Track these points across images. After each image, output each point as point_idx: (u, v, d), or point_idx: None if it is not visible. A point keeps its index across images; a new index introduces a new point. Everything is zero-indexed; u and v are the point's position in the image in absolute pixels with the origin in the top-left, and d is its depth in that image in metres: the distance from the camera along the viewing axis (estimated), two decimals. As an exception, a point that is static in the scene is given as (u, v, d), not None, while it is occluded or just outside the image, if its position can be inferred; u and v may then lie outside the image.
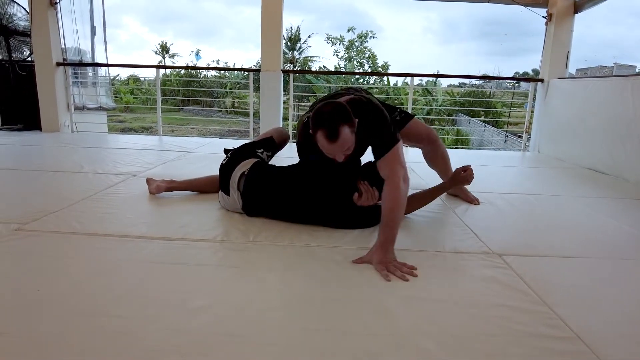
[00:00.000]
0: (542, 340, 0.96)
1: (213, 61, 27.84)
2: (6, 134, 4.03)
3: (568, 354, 0.92)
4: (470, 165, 1.93)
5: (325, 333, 0.97)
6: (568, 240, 1.65)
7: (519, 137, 10.70)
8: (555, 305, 1.11)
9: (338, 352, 0.91)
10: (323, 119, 1.40)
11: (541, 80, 4.07)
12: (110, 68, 5.56)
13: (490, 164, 3.34)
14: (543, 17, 3.95)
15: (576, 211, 2.08)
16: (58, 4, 4.14)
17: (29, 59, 4.37)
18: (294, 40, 23.90)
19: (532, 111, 4.28)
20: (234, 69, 19.33)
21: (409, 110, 4.46)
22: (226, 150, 1.87)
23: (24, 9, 4.24)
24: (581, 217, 1.99)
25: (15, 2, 4.23)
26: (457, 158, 3.62)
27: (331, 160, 1.49)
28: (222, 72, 21.82)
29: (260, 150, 1.86)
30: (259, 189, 1.69)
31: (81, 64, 4.77)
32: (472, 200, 2.11)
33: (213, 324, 0.99)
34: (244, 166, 1.72)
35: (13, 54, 4.37)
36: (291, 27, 23.84)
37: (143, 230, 1.56)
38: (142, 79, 19.10)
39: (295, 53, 24.05)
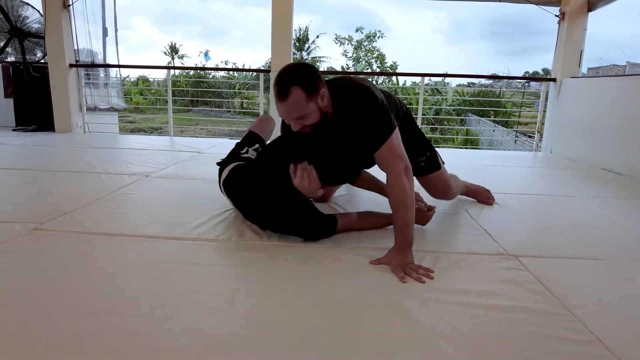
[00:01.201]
0: (562, 343, 0.95)
1: (222, 62, 27.98)
2: (20, 135, 4.09)
3: (589, 357, 0.90)
4: (434, 208, 1.70)
5: (340, 334, 0.97)
6: (584, 242, 1.63)
7: (529, 137, 10.59)
8: (574, 308, 1.10)
9: (354, 353, 0.90)
10: (280, 75, 1.31)
11: (553, 80, 4.02)
12: (120, 69, 5.61)
13: (502, 165, 3.32)
14: (556, 15, 3.91)
15: (591, 212, 2.06)
16: (71, 6, 4.19)
17: (43, 60, 4.43)
18: (302, 40, 23.93)
19: (544, 111, 4.23)
20: (244, 70, 19.40)
21: (419, 111, 4.44)
22: (218, 163, 1.80)
23: (38, 11, 4.29)
24: (596, 218, 1.97)
25: (29, 4, 4.29)
26: (465, 158, 3.62)
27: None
28: (231, 72, 21.92)
29: (244, 150, 1.79)
30: (233, 196, 1.66)
31: (93, 65, 4.82)
32: (486, 200, 2.08)
33: (229, 324, 1.00)
34: (224, 173, 1.69)
35: (26, 56, 4.43)
36: (299, 28, 23.88)
37: (157, 230, 1.57)
38: (151, 79, 19.23)
39: (304, 53, 24.07)
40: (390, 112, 1.42)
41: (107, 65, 5.06)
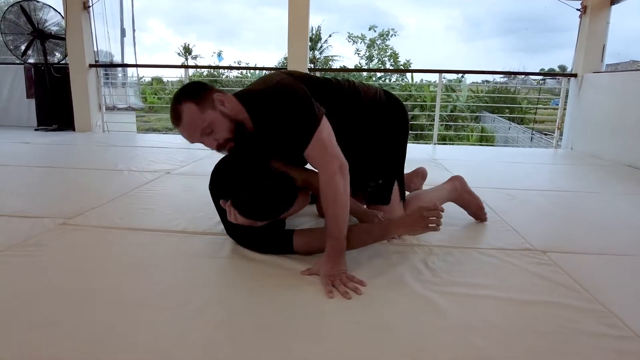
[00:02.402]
0: (600, 339, 0.92)
1: (234, 62, 28.17)
2: (43, 134, 4.17)
3: (629, 354, 0.88)
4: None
5: (371, 327, 0.96)
6: (613, 238, 1.59)
7: (545, 134, 10.41)
8: (609, 303, 1.07)
9: (385, 346, 0.90)
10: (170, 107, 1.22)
11: (574, 75, 3.95)
12: (138, 69, 5.69)
13: (522, 162, 3.27)
14: (577, 9, 3.83)
15: (618, 208, 2.01)
16: (91, 7, 4.26)
17: (64, 61, 4.51)
18: (314, 40, 23.92)
19: (565, 108, 4.16)
20: (261, 69, 19.51)
21: (437, 108, 4.37)
22: None
23: (59, 13, 4.37)
24: (623, 214, 1.92)
25: (50, 6, 4.37)
26: (482, 157, 3.57)
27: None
28: (244, 72, 22.05)
29: None
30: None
31: (112, 65, 4.90)
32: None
33: (257, 317, 1.00)
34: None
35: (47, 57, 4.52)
36: (312, 27, 23.88)
37: (183, 225, 1.58)
38: (165, 80, 19.47)
39: (316, 53, 24.07)
40: (313, 102, 1.22)
41: (125, 65, 5.14)
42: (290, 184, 1.25)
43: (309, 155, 1.21)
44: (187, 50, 28.91)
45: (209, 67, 18.04)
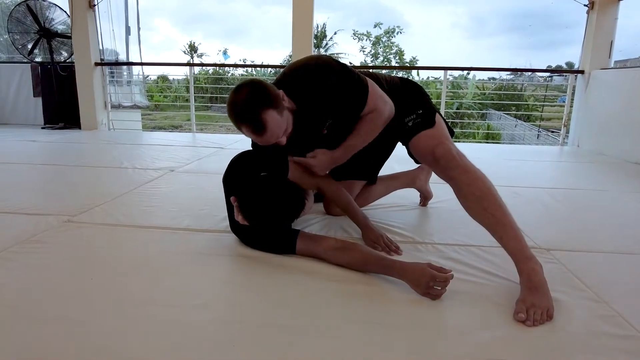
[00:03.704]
0: (606, 339, 0.91)
1: (240, 60, 28.15)
2: (49, 132, 4.20)
3: (635, 354, 0.87)
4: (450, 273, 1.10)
5: (377, 326, 0.96)
6: (619, 236, 1.58)
7: (552, 132, 10.33)
8: (614, 302, 1.06)
9: (387, 343, 0.89)
10: (239, 111, 1.17)
11: (582, 72, 3.91)
12: (143, 68, 5.71)
13: (529, 159, 3.25)
14: (585, 5, 3.79)
15: (625, 206, 1.99)
16: (96, 6, 4.28)
17: (70, 60, 4.53)
18: (320, 37, 23.87)
19: (571, 106, 4.11)
20: (266, 66, 19.51)
21: (442, 106, 4.36)
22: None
23: (65, 12, 4.39)
24: (630, 212, 1.90)
25: (56, 5, 4.39)
26: (489, 154, 3.55)
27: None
28: (249, 70, 22.06)
29: None
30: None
31: (118, 63, 4.92)
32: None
33: (261, 313, 1.00)
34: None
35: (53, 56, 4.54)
36: (317, 25, 23.83)
37: (187, 222, 1.59)
38: (171, 78, 19.57)
39: (321, 50, 24.02)
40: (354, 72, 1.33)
41: (131, 63, 5.16)
42: (299, 198, 1.25)
43: (367, 109, 1.32)
44: (192, 49, 28.96)
45: (215, 65, 18.06)
